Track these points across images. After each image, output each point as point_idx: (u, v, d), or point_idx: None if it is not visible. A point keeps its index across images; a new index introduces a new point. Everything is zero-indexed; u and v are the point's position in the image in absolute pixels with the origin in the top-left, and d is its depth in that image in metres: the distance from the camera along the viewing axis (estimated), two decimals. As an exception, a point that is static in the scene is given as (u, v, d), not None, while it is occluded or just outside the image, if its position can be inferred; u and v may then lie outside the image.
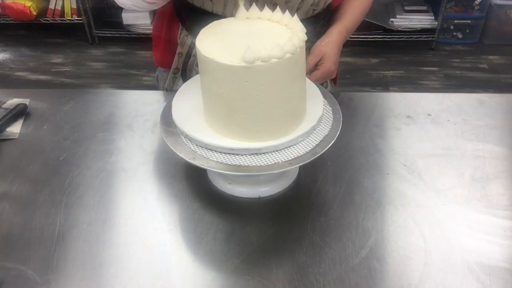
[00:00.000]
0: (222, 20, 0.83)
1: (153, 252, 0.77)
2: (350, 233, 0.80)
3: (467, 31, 3.24)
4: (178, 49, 1.13)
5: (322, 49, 0.98)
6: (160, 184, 0.90)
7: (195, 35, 1.10)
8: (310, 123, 0.81)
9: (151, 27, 1.27)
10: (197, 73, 1.14)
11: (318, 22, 1.07)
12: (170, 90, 1.19)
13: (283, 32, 0.78)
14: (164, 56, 1.19)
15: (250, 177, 0.86)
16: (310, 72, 0.96)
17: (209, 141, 0.78)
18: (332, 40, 1.00)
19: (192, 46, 1.11)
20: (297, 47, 0.72)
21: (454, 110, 1.10)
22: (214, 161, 0.77)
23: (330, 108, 0.87)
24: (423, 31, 3.14)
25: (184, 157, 0.77)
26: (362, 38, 3.09)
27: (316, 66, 0.97)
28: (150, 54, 1.26)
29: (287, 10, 0.81)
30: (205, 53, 0.73)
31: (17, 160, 0.96)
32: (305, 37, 0.75)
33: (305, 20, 1.05)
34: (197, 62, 1.12)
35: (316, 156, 0.77)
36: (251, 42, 0.71)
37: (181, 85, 1.17)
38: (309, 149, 0.78)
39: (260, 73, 0.71)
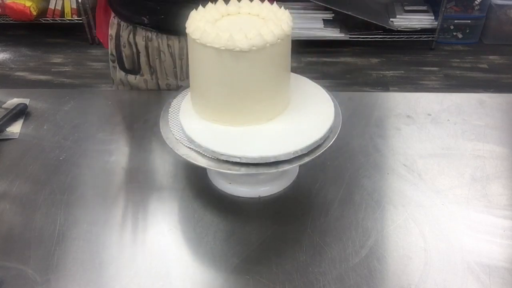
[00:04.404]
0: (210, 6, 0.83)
1: (153, 252, 0.77)
2: (350, 233, 0.80)
3: (467, 31, 3.24)
4: (109, 31, 1.16)
5: None
6: (160, 184, 0.90)
7: (120, 15, 1.11)
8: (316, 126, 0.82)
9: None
10: (128, 61, 1.15)
11: None
12: (168, 90, 1.19)
13: (267, 22, 0.79)
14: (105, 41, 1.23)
15: (250, 177, 0.86)
16: None
17: (210, 146, 0.77)
18: None
19: (119, 28, 1.14)
20: (286, 34, 0.76)
21: (454, 110, 1.10)
22: (214, 160, 0.77)
23: (331, 108, 0.87)
24: (423, 31, 3.14)
25: (184, 157, 0.77)
26: (362, 38, 3.09)
27: None
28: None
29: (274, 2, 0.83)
30: (195, 37, 0.75)
31: (17, 160, 0.96)
32: (292, 24, 0.78)
33: None
34: (124, 43, 1.13)
35: (316, 155, 0.77)
36: (241, 29, 0.74)
37: (122, 75, 1.18)
38: (309, 149, 0.78)
39: (250, 58, 0.74)
